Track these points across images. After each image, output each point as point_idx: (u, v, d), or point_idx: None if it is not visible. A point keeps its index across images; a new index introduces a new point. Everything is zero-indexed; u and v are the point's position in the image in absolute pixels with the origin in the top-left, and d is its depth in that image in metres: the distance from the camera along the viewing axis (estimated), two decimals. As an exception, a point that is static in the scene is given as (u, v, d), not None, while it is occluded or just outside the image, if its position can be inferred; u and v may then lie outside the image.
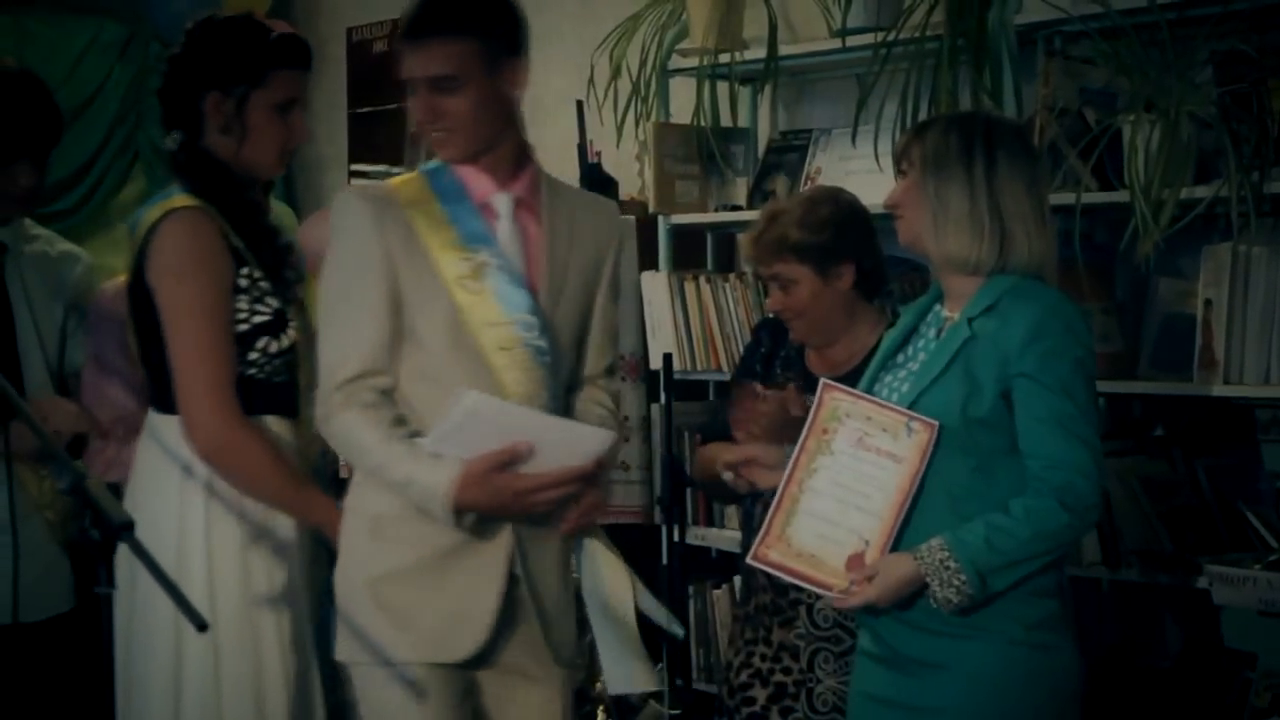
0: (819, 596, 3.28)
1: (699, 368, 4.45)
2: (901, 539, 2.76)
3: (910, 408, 2.80)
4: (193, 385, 2.94)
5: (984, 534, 2.69)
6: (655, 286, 4.49)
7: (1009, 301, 2.78)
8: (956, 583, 2.67)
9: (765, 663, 3.39)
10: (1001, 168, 2.84)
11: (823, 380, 2.94)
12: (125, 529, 2.32)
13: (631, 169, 4.68)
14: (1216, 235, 3.56)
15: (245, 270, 3.00)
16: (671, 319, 4.44)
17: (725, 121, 4.48)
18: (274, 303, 3.03)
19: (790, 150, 4.47)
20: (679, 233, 4.60)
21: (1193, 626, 3.71)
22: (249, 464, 2.96)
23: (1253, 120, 3.42)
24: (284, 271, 3.08)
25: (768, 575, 3.33)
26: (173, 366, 2.96)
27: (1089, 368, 2.80)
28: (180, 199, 3.01)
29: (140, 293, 3.03)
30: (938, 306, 2.97)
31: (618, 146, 4.52)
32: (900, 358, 2.96)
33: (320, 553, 3.06)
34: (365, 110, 5.96)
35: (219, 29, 3.08)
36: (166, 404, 3.01)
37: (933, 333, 2.92)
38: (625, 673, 2.90)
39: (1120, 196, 3.51)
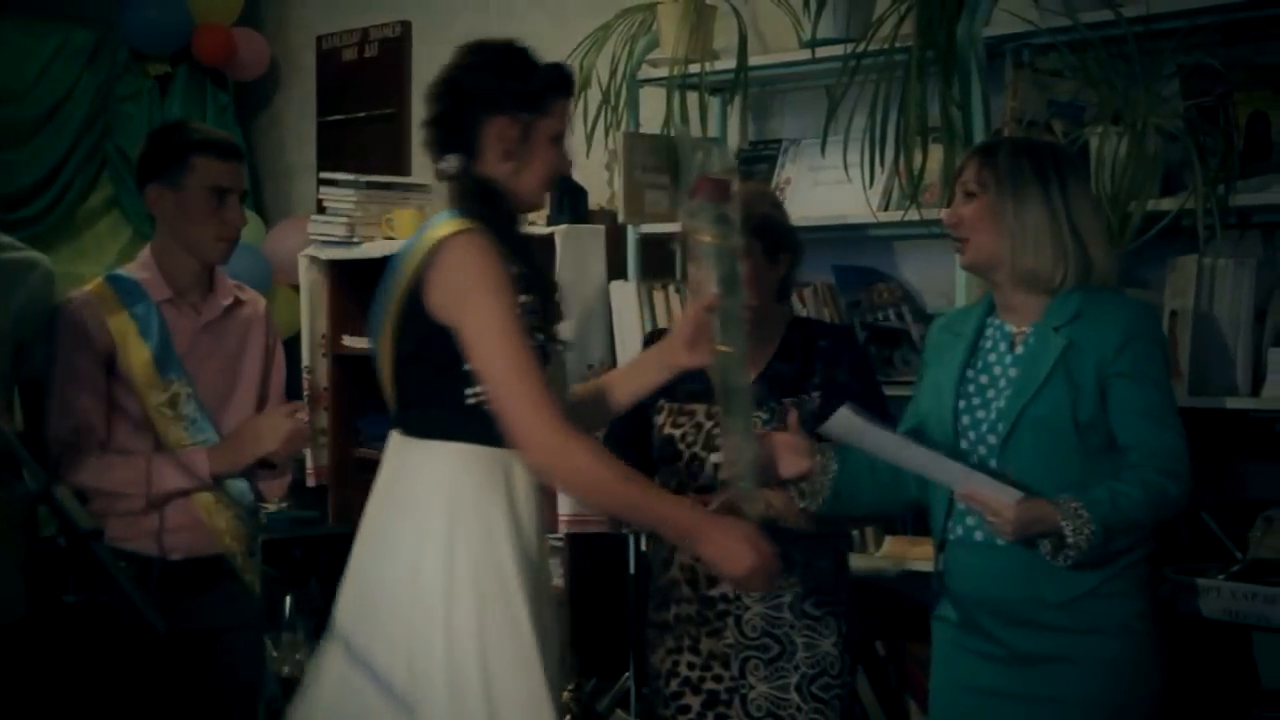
0: (747, 607, 3.35)
1: (667, 377, 4.45)
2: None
3: (1019, 417, 2.95)
4: (522, 403, 2.79)
5: (1109, 496, 2.85)
6: (624, 296, 4.49)
7: (1097, 309, 2.98)
8: (1087, 531, 2.82)
9: (694, 671, 3.41)
10: (1072, 188, 3.02)
11: None
12: (93, 537, 2.31)
13: (601, 178, 4.68)
14: (1182, 247, 3.59)
15: (522, 299, 2.87)
16: (640, 328, 4.44)
17: (695, 131, 4.48)
18: (540, 337, 2.91)
19: (760, 160, 4.48)
20: (647, 242, 4.60)
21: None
22: (595, 473, 2.83)
23: (1219, 133, 3.44)
24: (550, 306, 2.97)
25: (690, 585, 3.38)
26: (492, 387, 2.81)
27: (1169, 365, 3.05)
28: (459, 222, 2.86)
29: (416, 317, 2.87)
30: (995, 320, 3.08)
31: (587, 156, 4.52)
32: (970, 373, 3.07)
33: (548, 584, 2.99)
34: (334, 118, 5.95)
35: (505, 55, 2.97)
36: (423, 429, 2.89)
37: (1004, 346, 3.05)
38: None
39: (1087, 208, 3.52)
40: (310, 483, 5.20)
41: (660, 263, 4.72)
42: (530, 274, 2.92)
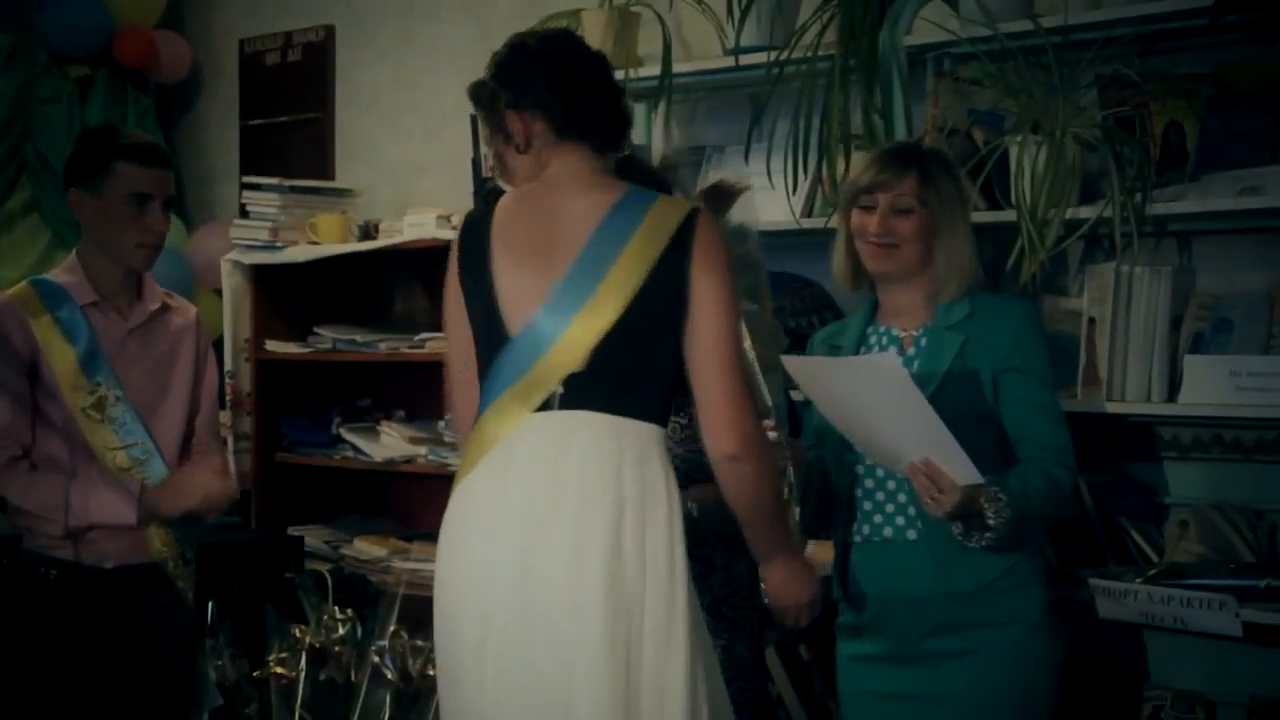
0: None
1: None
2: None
3: None
4: (738, 394, 2.72)
5: (1020, 484, 2.93)
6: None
7: (988, 308, 3.08)
8: (1005, 515, 2.89)
9: None
10: (968, 200, 3.15)
11: None
12: (10, 542, 2.30)
13: (525, 184, 4.66)
14: (1100, 255, 3.64)
15: None
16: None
17: (619, 138, 4.48)
18: None
19: (684, 167, 4.49)
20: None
21: (1077, 639, 3.77)
22: (771, 476, 2.78)
23: (1135, 143, 3.49)
24: None
25: None
26: (713, 370, 2.71)
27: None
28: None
29: (660, 286, 2.74)
30: (878, 327, 3.15)
31: (512, 161, 4.51)
32: None
33: None
34: (257, 122, 5.91)
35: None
36: (633, 409, 2.74)
37: (894, 350, 3.09)
38: None
39: (1007, 216, 3.56)
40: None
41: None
42: None
